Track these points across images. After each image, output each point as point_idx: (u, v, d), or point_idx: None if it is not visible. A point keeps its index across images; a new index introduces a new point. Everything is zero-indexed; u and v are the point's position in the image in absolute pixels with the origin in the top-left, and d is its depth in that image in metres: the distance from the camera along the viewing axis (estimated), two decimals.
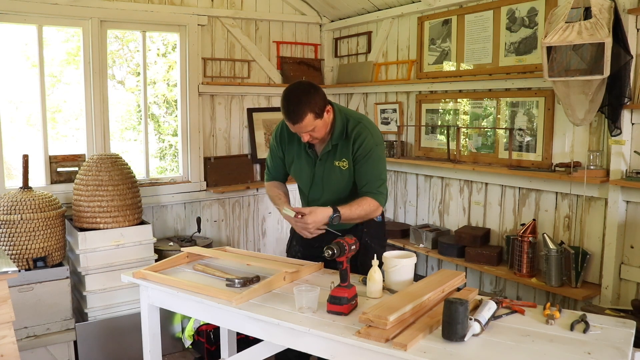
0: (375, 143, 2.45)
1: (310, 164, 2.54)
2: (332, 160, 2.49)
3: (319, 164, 2.52)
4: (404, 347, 1.69)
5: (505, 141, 3.60)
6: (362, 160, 2.43)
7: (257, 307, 2.10)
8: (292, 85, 2.39)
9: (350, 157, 2.45)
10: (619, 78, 2.79)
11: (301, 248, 2.80)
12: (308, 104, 2.28)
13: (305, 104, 2.28)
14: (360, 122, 2.46)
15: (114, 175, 3.53)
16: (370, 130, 2.45)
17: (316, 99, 2.31)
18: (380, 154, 2.47)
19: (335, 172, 2.49)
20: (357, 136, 2.43)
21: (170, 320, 3.75)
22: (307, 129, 2.34)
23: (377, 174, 2.44)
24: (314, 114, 2.30)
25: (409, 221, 4.43)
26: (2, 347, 2.11)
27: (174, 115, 5.02)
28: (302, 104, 2.28)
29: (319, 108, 2.31)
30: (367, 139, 2.42)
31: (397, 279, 2.24)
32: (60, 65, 5.05)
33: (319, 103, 2.32)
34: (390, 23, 4.44)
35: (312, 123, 2.32)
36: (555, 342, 1.76)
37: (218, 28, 4.53)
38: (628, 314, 2.53)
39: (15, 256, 3.19)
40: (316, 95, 2.32)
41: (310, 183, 2.59)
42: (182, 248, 2.82)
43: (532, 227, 3.28)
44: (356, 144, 2.43)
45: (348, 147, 2.44)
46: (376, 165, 2.44)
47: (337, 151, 2.47)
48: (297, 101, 2.29)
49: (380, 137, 2.52)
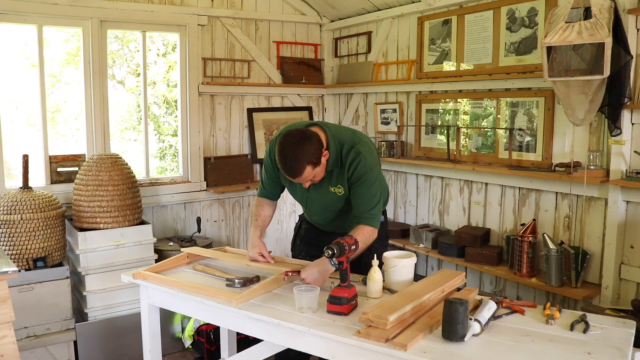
0: (370, 167, 2.39)
1: (304, 189, 2.49)
2: (327, 185, 2.46)
3: (313, 189, 2.48)
4: (404, 347, 1.69)
5: (505, 141, 3.60)
6: (356, 184, 2.40)
7: (257, 307, 2.11)
8: (285, 138, 2.28)
9: (345, 183, 2.42)
10: (619, 78, 2.79)
11: (305, 247, 2.81)
12: (304, 157, 2.23)
13: (302, 159, 2.22)
14: (354, 146, 2.39)
15: (114, 175, 3.53)
16: (364, 154, 2.38)
17: (311, 149, 2.24)
18: (375, 176, 2.42)
19: (331, 197, 2.48)
20: (351, 162, 2.38)
21: (170, 320, 3.75)
22: (307, 179, 2.31)
23: (370, 197, 2.40)
24: (312, 164, 2.26)
25: (409, 221, 4.43)
26: (2, 347, 2.11)
27: (174, 116, 5.02)
28: (298, 159, 2.22)
29: (315, 158, 2.26)
30: (360, 163, 2.37)
31: (397, 279, 2.24)
32: (60, 65, 5.05)
33: (315, 152, 2.26)
34: (390, 23, 4.44)
35: (312, 173, 2.28)
36: (555, 342, 1.76)
37: (218, 28, 4.53)
38: (628, 314, 2.53)
39: (15, 256, 3.19)
40: (310, 146, 2.24)
41: (306, 204, 2.61)
42: (182, 248, 2.83)
43: (532, 227, 3.27)
44: (350, 169, 2.38)
45: (343, 173, 2.40)
46: (369, 189, 2.40)
47: (332, 177, 2.43)
48: (294, 157, 2.22)
49: (375, 158, 2.47)
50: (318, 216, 2.68)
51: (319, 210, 2.61)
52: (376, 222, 2.41)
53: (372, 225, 2.39)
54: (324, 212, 2.61)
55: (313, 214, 2.69)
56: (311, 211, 2.66)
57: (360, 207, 2.40)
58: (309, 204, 2.60)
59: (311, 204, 2.59)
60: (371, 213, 2.40)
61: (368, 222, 2.38)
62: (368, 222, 2.38)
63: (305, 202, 2.60)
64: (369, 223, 2.38)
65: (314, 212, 2.65)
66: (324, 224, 2.71)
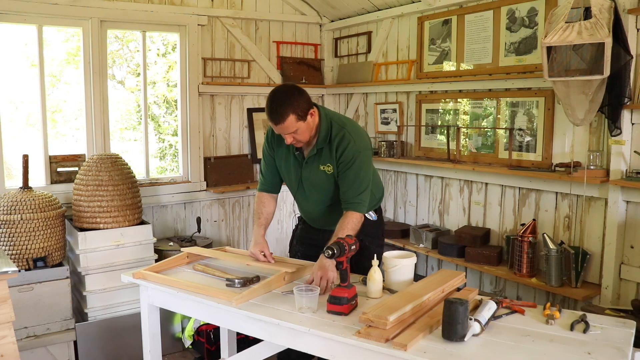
0: (358, 150, 2.43)
1: (297, 167, 2.55)
2: (318, 164, 2.49)
3: (305, 167, 2.53)
4: (404, 347, 1.69)
5: (505, 141, 3.60)
6: (344, 167, 2.43)
7: (257, 307, 2.11)
8: (278, 87, 2.42)
9: (334, 162, 2.45)
10: (619, 78, 2.79)
11: (302, 247, 2.82)
12: (291, 105, 2.30)
13: (287, 105, 2.30)
14: (344, 127, 2.45)
15: (114, 175, 3.53)
16: (353, 137, 2.43)
17: (299, 101, 2.32)
18: (364, 160, 2.46)
19: (320, 175, 2.51)
20: (339, 143, 2.42)
21: (170, 320, 3.75)
22: (289, 130, 2.34)
23: (359, 181, 2.43)
24: (296, 115, 2.31)
25: (409, 221, 4.43)
26: (2, 347, 2.11)
27: (174, 115, 5.02)
28: (284, 105, 2.30)
29: (301, 110, 2.32)
30: (349, 145, 2.41)
31: (397, 279, 2.24)
32: (60, 65, 5.05)
33: (302, 105, 2.33)
34: (390, 23, 4.44)
35: (295, 125, 2.33)
36: (555, 342, 1.76)
37: (218, 28, 4.53)
38: (628, 314, 2.52)
39: (15, 256, 3.19)
40: (299, 98, 2.33)
41: (297, 185, 2.61)
42: (182, 248, 2.83)
43: (532, 227, 3.27)
44: (338, 151, 2.43)
45: (331, 152, 2.45)
46: (358, 173, 2.43)
47: (322, 155, 2.48)
48: (280, 102, 2.31)
49: (365, 142, 2.51)
50: (309, 204, 2.66)
51: (310, 193, 2.60)
52: (363, 208, 2.44)
53: (359, 211, 2.43)
54: (314, 196, 2.60)
55: (304, 201, 2.67)
56: (303, 197, 2.65)
57: (348, 192, 2.44)
58: (300, 187, 2.60)
59: (302, 187, 2.60)
60: (359, 198, 2.43)
61: (355, 207, 2.42)
62: (355, 207, 2.42)
63: (298, 182, 2.59)
64: (356, 209, 2.42)
65: (306, 197, 2.64)
66: (315, 215, 2.70)
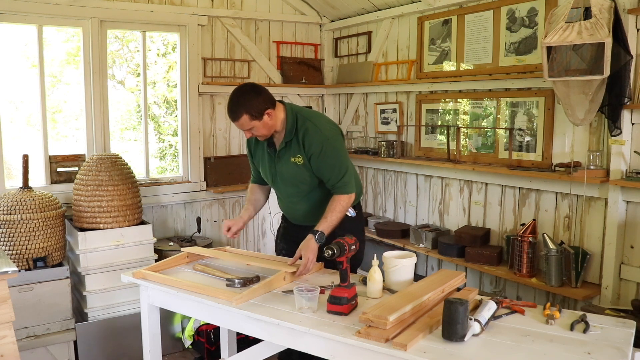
0: (326, 137, 2.54)
1: (272, 162, 2.67)
2: (288, 156, 2.59)
3: (278, 161, 2.64)
4: (404, 347, 1.69)
5: (505, 141, 3.60)
6: (316, 157, 2.53)
7: (257, 307, 2.11)
8: (239, 85, 2.54)
9: (303, 153, 2.55)
10: (619, 78, 2.78)
11: (285, 245, 2.91)
12: (244, 105, 2.43)
13: (241, 105, 2.43)
14: (308, 119, 2.56)
15: (114, 175, 3.53)
16: (317, 126, 2.54)
17: (254, 101, 2.43)
18: (334, 145, 2.55)
19: (292, 167, 2.60)
20: (304, 134, 2.53)
21: (170, 320, 3.75)
22: (244, 127, 2.49)
23: (337, 166, 2.54)
24: (250, 115, 2.43)
25: (409, 221, 4.43)
26: (2, 347, 2.11)
27: (174, 115, 5.02)
28: (239, 104, 2.44)
29: (255, 110, 2.43)
30: (315, 135, 2.52)
31: (397, 279, 2.24)
32: (60, 66, 5.05)
33: (257, 106, 2.43)
34: (390, 23, 4.44)
35: (249, 123, 2.46)
36: (555, 342, 1.76)
37: (218, 28, 4.53)
38: (628, 314, 2.52)
39: (15, 256, 3.19)
40: (255, 99, 2.44)
41: (272, 180, 2.73)
42: (182, 248, 2.83)
43: (532, 227, 3.27)
44: (305, 142, 2.53)
45: (299, 143, 2.55)
46: (332, 158, 2.53)
47: (291, 147, 2.58)
48: (236, 102, 2.45)
49: (331, 130, 2.61)
50: (286, 199, 2.77)
51: (286, 187, 2.70)
52: (350, 188, 2.56)
53: (346, 193, 2.54)
54: (289, 189, 2.69)
55: (282, 196, 2.78)
56: (280, 191, 2.77)
57: (330, 178, 2.55)
58: (275, 180, 2.71)
59: (277, 180, 2.70)
60: (343, 181, 2.54)
61: (341, 190, 2.54)
62: (341, 190, 2.54)
63: (274, 176, 2.70)
64: (343, 191, 2.54)
65: (282, 192, 2.75)
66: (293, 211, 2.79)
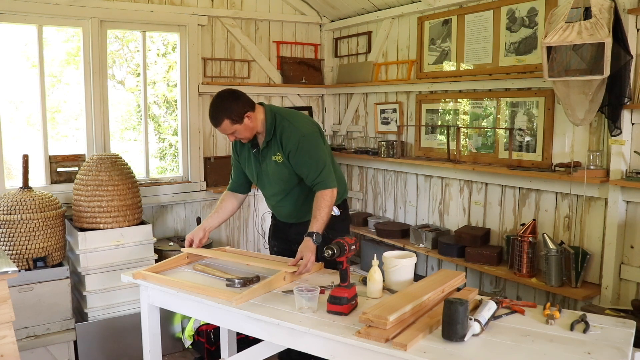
0: (302, 134, 2.60)
1: (257, 163, 2.75)
2: (270, 155, 2.68)
3: (262, 160, 2.72)
4: (404, 347, 1.69)
5: (505, 141, 3.60)
6: (294, 154, 2.59)
7: (257, 307, 2.11)
8: (218, 92, 2.61)
9: (281, 151, 2.63)
10: (619, 78, 2.78)
11: (276, 242, 2.97)
12: (224, 110, 2.52)
13: (222, 111, 2.52)
14: (285, 118, 2.64)
15: (114, 175, 3.53)
16: (294, 124, 2.62)
17: (233, 106, 2.52)
18: (311, 141, 2.61)
19: (273, 166, 2.68)
20: (281, 133, 2.61)
21: (170, 320, 3.75)
22: (226, 132, 2.58)
23: (314, 162, 2.58)
24: (231, 120, 2.52)
25: (409, 221, 4.43)
26: (2, 347, 2.11)
27: (174, 115, 5.02)
28: (219, 110, 2.53)
29: (235, 115, 2.52)
30: (291, 133, 2.59)
31: (397, 279, 2.24)
32: (60, 66, 5.04)
33: (237, 110, 2.52)
34: (390, 23, 4.44)
35: (230, 127, 2.55)
36: (555, 342, 1.76)
37: (218, 28, 4.53)
38: (628, 314, 2.52)
39: (15, 256, 3.19)
40: (234, 103, 2.53)
41: (258, 180, 2.80)
42: (182, 248, 2.83)
43: (532, 227, 3.27)
44: (283, 141, 2.61)
45: (277, 142, 2.63)
46: (308, 154, 2.58)
47: (272, 146, 2.66)
48: (216, 107, 2.55)
49: (308, 127, 2.66)
50: (272, 197, 2.83)
51: (270, 186, 2.77)
52: (330, 182, 2.58)
53: (328, 188, 2.57)
54: (274, 188, 2.76)
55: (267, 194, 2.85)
56: (265, 190, 2.84)
57: (309, 174, 2.59)
58: (260, 179, 2.79)
59: (262, 179, 2.77)
60: (322, 177, 2.58)
61: (322, 186, 2.57)
62: (322, 186, 2.57)
63: (258, 175, 2.76)
64: (323, 187, 2.57)
65: (267, 190, 2.82)
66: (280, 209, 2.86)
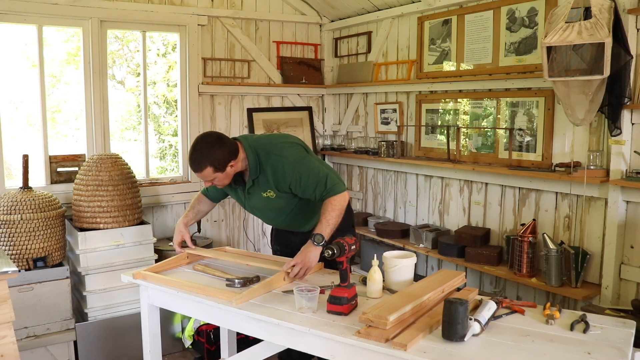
0: (295, 161, 2.46)
1: (242, 197, 2.61)
2: (259, 192, 2.54)
3: (249, 197, 2.59)
4: (404, 347, 1.69)
5: (505, 141, 3.60)
6: (296, 184, 2.45)
7: (257, 307, 2.11)
8: (203, 135, 2.47)
9: (273, 187, 2.48)
10: (619, 78, 2.78)
11: (278, 247, 2.92)
12: (209, 157, 2.34)
13: (206, 157, 2.35)
14: (269, 153, 2.46)
15: (114, 175, 3.53)
16: (281, 155, 2.45)
17: (218, 154, 2.36)
18: (304, 162, 2.48)
19: (265, 200, 2.55)
20: (273, 170, 2.45)
21: (170, 320, 3.75)
22: (206, 179, 2.41)
23: (316, 179, 2.44)
24: (214, 167, 2.36)
25: (409, 221, 4.42)
26: (2, 347, 2.11)
27: (174, 115, 5.02)
28: (203, 156, 2.35)
29: (219, 163, 2.36)
30: (284, 167, 2.44)
31: (397, 279, 2.24)
32: (60, 66, 5.04)
33: (222, 158, 2.36)
34: (390, 23, 4.44)
35: (211, 175, 2.38)
36: (555, 342, 1.76)
37: (218, 28, 4.53)
38: (628, 314, 2.52)
39: (15, 256, 3.19)
40: (219, 150, 2.36)
41: (245, 208, 2.70)
42: (182, 248, 2.83)
43: (532, 227, 3.27)
44: (279, 177, 2.45)
45: (268, 179, 2.47)
46: (310, 176, 2.44)
47: (260, 184, 2.51)
48: (200, 153, 2.37)
49: (293, 149, 2.52)
50: (263, 218, 2.79)
51: (261, 213, 2.70)
52: (338, 187, 2.45)
53: (336, 194, 2.44)
54: (269, 214, 2.70)
55: (262, 218, 2.81)
56: (259, 216, 2.78)
57: (316, 190, 2.45)
58: (248, 208, 2.68)
59: (250, 208, 2.68)
60: (328, 188, 2.44)
61: (330, 194, 2.43)
62: (330, 194, 2.43)
63: (244, 205, 2.68)
64: (332, 194, 2.43)
65: (257, 214, 2.74)
66: (276, 223, 2.81)
